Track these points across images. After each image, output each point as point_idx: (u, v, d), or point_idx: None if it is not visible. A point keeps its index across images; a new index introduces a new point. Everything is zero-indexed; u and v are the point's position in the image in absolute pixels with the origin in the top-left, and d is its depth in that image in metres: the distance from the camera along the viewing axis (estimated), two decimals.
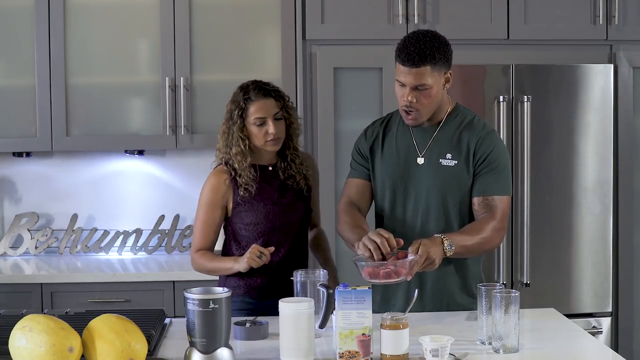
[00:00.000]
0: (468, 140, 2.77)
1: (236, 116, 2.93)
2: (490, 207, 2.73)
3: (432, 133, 2.80)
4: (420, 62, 2.64)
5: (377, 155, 2.86)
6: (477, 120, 2.82)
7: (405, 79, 2.68)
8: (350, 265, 3.90)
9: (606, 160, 4.00)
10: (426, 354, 2.22)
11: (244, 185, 2.93)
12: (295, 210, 2.99)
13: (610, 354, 2.42)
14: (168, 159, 4.33)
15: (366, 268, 2.50)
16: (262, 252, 2.79)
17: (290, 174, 3.00)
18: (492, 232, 2.70)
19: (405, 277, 2.48)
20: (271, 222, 2.94)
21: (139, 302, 3.72)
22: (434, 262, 2.53)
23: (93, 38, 4.02)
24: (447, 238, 2.59)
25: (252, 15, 4.05)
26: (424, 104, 2.70)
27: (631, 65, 4.04)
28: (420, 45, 2.65)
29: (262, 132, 2.91)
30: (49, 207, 4.30)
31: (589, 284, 4.02)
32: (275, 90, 2.97)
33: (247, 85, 2.98)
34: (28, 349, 1.97)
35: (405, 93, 2.69)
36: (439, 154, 2.78)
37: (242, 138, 2.92)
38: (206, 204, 2.97)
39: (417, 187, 2.79)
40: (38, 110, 3.99)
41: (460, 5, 3.98)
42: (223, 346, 2.16)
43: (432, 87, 2.68)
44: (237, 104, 2.94)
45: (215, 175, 2.98)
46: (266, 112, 2.91)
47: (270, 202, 2.95)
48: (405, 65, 2.66)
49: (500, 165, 2.76)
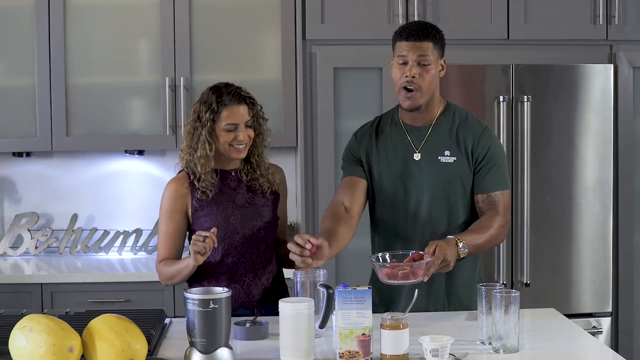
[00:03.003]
0: (465, 138, 2.79)
1: (205, 119, 2.81)
2: (494, 203, 2.77)
3: (426, 131, 2.82)
4: (424, 36, 2.74)
5: (373, 156, 2.86)
6: (470, 117, 2.85)
7: (408, 53, 2.73)
8: (350, 265, 3.93)
9: (606, 160, 4.00)
10: (426, 354, 2.22)
11: (201, 189, 2.82)
12: (260, 215, 2.88)
13: (610, 354, 2.42)
14: (168, 159, 4.32)
15: (383, 269, 2.51)
16: (204, 236, 2.64)
17: (254, 177, 2.90)
18: (499, 227, 2.75)
19: (422, 278, 2.50)
20: (232, 226, 2.84)
21: (139, 302, 3.72)
22: (449, 264, 2.56)
23: (93, 38, 4.02)
24: (461, 239, 2.61)
25: (252, 15, 4.05)
26: (425, 80, 2.74)
27: (631, 65, 4.04)
28: (421, 24, 2.78)
29: (230, 138, 2.81)
30: (49, 207, 4.30)
31: (589, 284, 4.02)
32: (250, 97, 2.87)
33: (219, 87, 2.87)
34: (28, 349, 1.97)
35: (407, 69, 2.74)
36: (436, 151, 2.80)
37: (209, 142, 2.80)
38: (166, 211, 2.87)
39: (417, 184, 2.80)
40: (38, 110, 3.99)
41: (460, 5, 3.98)
42: (223, 346, 2.16)
43: (432, 65, 2.75)
44: (209, 106, 2.82)
45: (172, 183, 2.89)
46: (239, 119, 2.81)
47: (230, 205, 2.85)
48: (408, 40, 2.74)
49: (499, 161, 2.80)
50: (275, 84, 4.01)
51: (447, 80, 3.86)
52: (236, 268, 2.86)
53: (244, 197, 2.89)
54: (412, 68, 2.72)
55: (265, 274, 2.88)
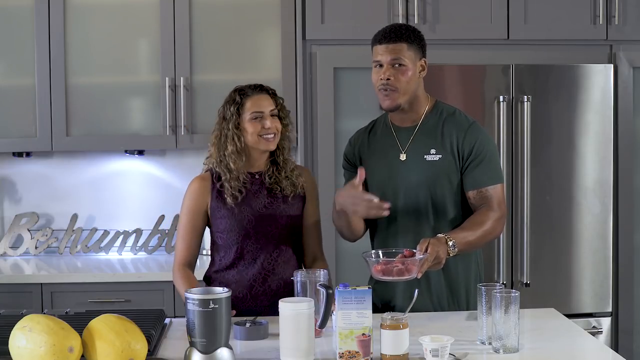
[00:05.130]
0: (451, 134, 2.80)
1: (230, 113, 2.83)
2: (486, 198, 2.77)
3: (414, 130, 2.83)
4: (397, 38, 2.75)
5: (366, 159, 2.89)
6: (458, 113, 2.86)
7: (382, 57, 2.76)
8: (350, 264, 3.93)
9: (606, 160, 4.00)
10: (426, 354, 2.22)
11: (231, 191, 2.82)
12: (276, 221, 2.86)
13: (610, 354, 2.42)
14: (168, 159, 4.33)
15: (376, 265, 2.51)
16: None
17: (278, 179, 2.89)
18: (493, 222, 2.73)
19: (416, 275, 2.49)
20: (245, 230, 2.84)
21: (139, 302, 3.72)
22: (441, 262, 2.56)
23: (93, 38, 4.03)
24: (451, 238, 2.60)
25: (252, 15, 4.06)
26: (401, 81, 2.75)
27: (631, 65, 4.04)
28: (395, 27, 2.81)
29: (258, 128, 2.82)
30: (49, 207, 4.31)
31: (589, 284, 4.02)
32: (271, 89, 2.92)
33: (241, 85, 2.90)
34: (28, 349, 1.97)
35: (382, 71, 2.76)
36: (422, 149, 2.80)
37: (237, 135, 2.81)
38: (186, 209, 2.90)
39: (404, 185, 2.81)
40: (38, 110, 3.99)
41: (460, 5, 3.98)
42: (223, 346, 2.16)
43: (408, 67, 2.75)
44: (232, 101, 2.85)
45: (195, 181, 2.91)
46: (263, 107, 2.84)
47: (247, 209, 2.84)
48: (382, 43, 2.76)
49: (488, 155, 2.79)
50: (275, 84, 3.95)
51: (447, 80, 3.86)
52: (245, 272, 2.86)
53: (263, 201, 2.87)
54: (387, 70, 2.75)
55: (276, 280, 2.87)
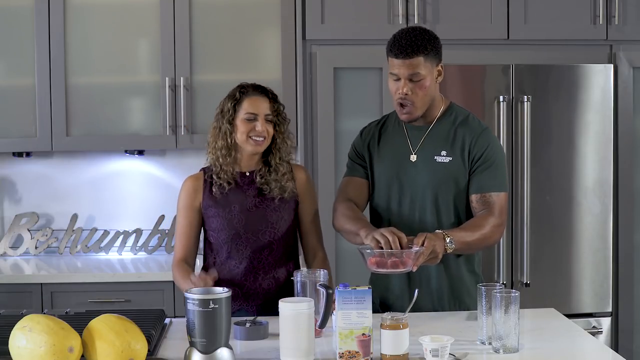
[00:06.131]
0: (463, 137, 2.79)
1: (227, 108, 2.86)
2: (488, 204, 2.76)
3: (426, 130, 2.83)
4: (413, 52, 2.71)
5: (374, 154, 2.89)
6: (471, 118, 2.85)
7: (399, 70, 2.73)
8: (350, 264, 3.93)
9: (606, 160, 4.00)
10: (426, 354, 2.22)
11: (219, 182, 2.85)
12: (265, 220, 2.86)
13: (610, 354, 2.42)
14: (168, 159, 4.33)
15: (372, 257, 2.50)
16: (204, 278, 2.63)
17: (267, 180, 2.89)
18: (492, 228, 2.72)
19: (412, 268, 2.49)
20: (235, 228, 2.85)
21: (139, 302, 3.72)
22: (437, 257, 2.56)
23: (93, 38, 4.02)
24: (449, 235, 2.61)
25: (252, 15, 4.05)
26: (419, 95, 2.74)
27: (631, 65, 4.04)
28: (411, 38, 2.72)
29: (249, 128, 2.83)
30: (49, 207, 4.30)
31: (589, 284, 4.02)
32: (273, 93, 2.92)
33: (246, 83, 2.92)
34: (28, 349, 1.97)
35: (400, 86, 2.74)
36: (433, 151, 2.80)
37: (229, 131, 2.85)
38: (180, 207, 2.92)
39: (412, 185, 2.81)
40: (38, 110, 3.99)
41: (460, 5, 3.98)
42: (223, 346, 2.16)
43: (425, 78, 2.73)
44: (232, 97, 2.88)
45: (187, 180, 2.94)
46: (258, 110, 2.85)
47: (237, 208, 2.86)
48: (398, 58, 2.72)
49: (496, 162, 2.79)
50: (275, 84, 3.97)
51: (447, 80, 3.85)
52: (237, 271, 2.86)
53: (253, 200, 2.88)
54: (405, 86, 2.73)
55: (267, 279, 2.87)
